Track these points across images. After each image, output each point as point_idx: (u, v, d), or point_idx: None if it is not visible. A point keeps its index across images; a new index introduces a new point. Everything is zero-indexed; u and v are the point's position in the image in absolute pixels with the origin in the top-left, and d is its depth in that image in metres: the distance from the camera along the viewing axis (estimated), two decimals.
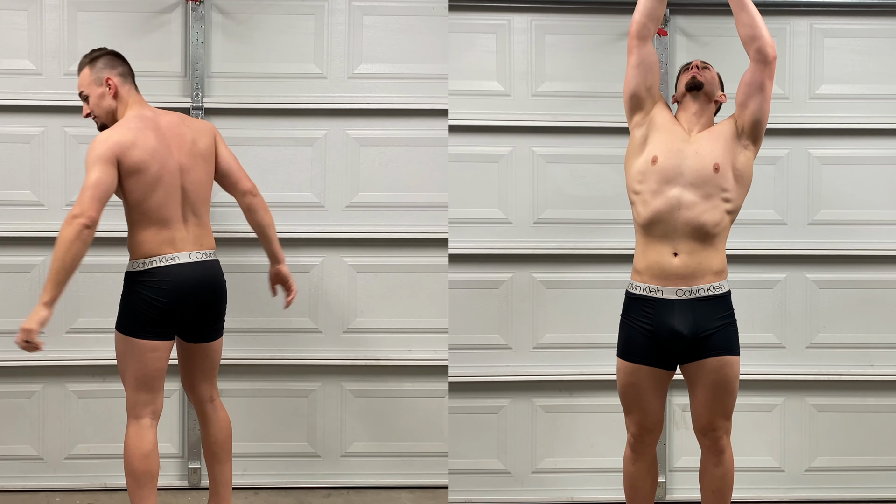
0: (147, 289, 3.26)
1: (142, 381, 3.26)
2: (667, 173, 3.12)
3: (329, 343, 4.20)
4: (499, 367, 4.14)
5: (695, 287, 3.12)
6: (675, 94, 3.34)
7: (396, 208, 4.18)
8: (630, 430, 3.28)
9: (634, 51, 3.22)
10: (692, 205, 3.10)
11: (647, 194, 3.14)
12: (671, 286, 3.12)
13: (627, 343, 3.18)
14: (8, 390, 4.10)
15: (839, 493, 4.19)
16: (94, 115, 3.40)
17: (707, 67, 3.30)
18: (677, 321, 3.10)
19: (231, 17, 4.12)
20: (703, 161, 3.12)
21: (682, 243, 3.11)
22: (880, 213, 4.14)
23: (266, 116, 4.11)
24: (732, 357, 3.16)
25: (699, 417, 3.20)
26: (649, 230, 3.15)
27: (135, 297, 3.26)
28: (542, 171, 4.14)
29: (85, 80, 3.37)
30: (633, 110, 3.26)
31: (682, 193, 3.11)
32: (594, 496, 4.16)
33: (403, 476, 4.23)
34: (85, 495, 4.09)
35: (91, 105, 3.38)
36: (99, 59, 3.37)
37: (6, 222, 4.06)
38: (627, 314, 3.22)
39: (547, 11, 4.13)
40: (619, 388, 3.25)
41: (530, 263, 4.15)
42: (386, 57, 4.16)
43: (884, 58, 4.13)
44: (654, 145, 3.18)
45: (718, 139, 3.16)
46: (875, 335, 4.16)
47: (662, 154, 3.14)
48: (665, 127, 3.20)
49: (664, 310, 3.12)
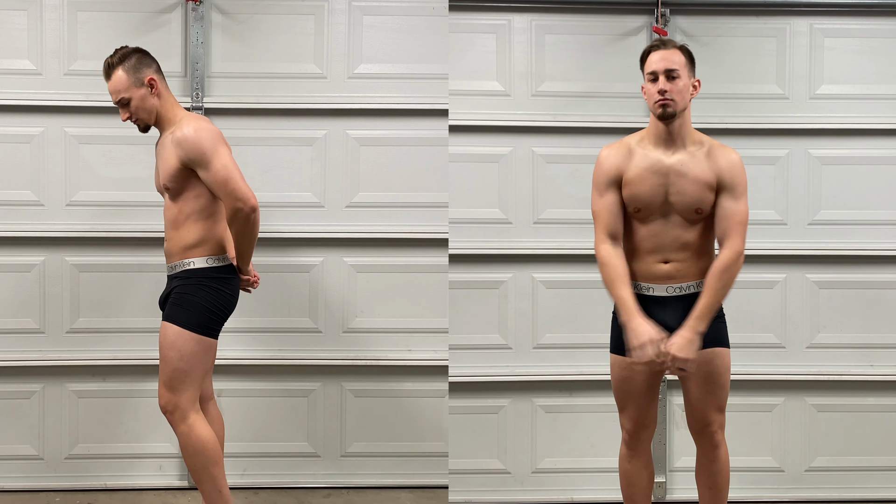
0: (228, 285, 3.28)
1: (201, 378, 3.27)
2: (653, 212, 3.13)
3: (329, 343, 4.20)
4: (499, 367, 4.14)
5: (685, 284, 3.13)
6: (647, 95, 3.17)
7: (396, 208, 4.18)
8: (625, 428, 3.27)
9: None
10: (677, 226, 3.13)
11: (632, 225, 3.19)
12: (661, 284, 3.14)
13: (620, 338, 3.17)
14: (8, 390, 4.10)
15: (839, 493, 4.19)
16: (136, 118, 3.32)
17: (674, 75, 3.07)
18: (669, 316, 3.11)
19: (231, 17, 4.13)
20: (686, 202, 3.10)
21: (672, 254, 3.13)
22: (880, 213, 4.14)
23: (266, 116, 4.11)
24: (722, 349, 3.16)
25: (693, 412, 3.20)
26: (638, 245, 3.17)
27: (215, 294, 3.24)
28: (542, 171, 4.14)
29: (122, 84, 3.27)
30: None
31: (666, 223, 3.13)
32: (594, 496, 4.16)
33: (403, 476, 4.23)
34: (85, 495, 4.09)
35: (133, 108, 3.29)
36: (130, 58, 3.29)
37: (6, 222, 4.06)
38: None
39: (547, 11, 4.13)
40: (613, 383, 3.25)
41: (530, 263, 4.15)
42: (386, 57, 4.16)
43: (884, 58, 4.13)
44: (635, 199, 3.14)
45: (698, 181, 3.10)
46: (875, 335, 4.16)
47: (644, 203, 3.13)
48: (639, 179, 3.13)
49: (655, 306, 3.13)
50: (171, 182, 3.24)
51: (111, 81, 3.29)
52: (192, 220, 3.25)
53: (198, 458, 3.24)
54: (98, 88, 4.04)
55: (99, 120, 4.07)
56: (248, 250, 3.31)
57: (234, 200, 3.16)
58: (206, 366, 3.28)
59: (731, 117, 4.10)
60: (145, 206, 4.05)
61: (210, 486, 3.26)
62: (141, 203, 4.06)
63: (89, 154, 4.09)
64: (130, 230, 4.07)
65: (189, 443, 3.24)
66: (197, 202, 3.25)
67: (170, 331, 3.22)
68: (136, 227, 4.07)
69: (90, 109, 4.06)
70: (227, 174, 3.16)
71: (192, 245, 3.26)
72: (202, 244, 3.26)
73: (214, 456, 3.26)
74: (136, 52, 3.32)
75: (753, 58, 4.14)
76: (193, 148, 3.18)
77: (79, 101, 4.05)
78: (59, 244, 4.08)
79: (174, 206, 3.28)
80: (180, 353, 3.21)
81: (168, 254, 3.33)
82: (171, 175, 3.23)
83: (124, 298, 4.05)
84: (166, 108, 3.31)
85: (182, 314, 3.22)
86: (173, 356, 3.21)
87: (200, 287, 3.23)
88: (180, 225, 3.27)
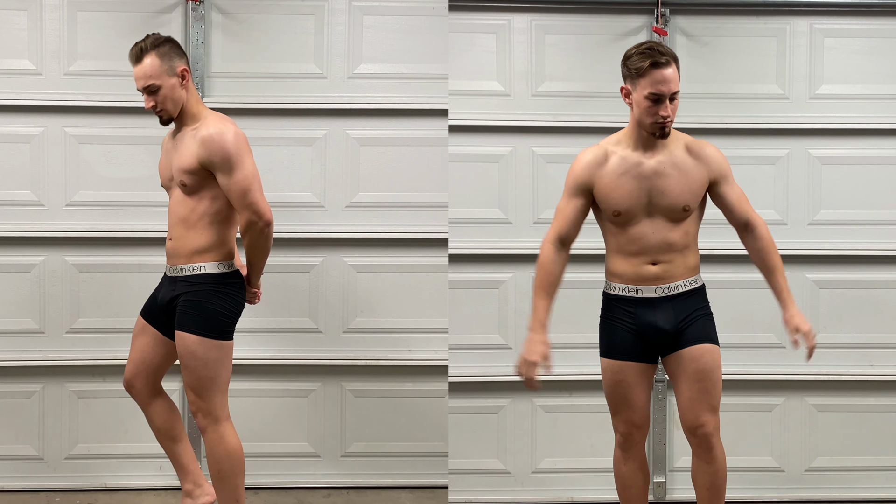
0: (239, 289, 3.24)
1: (227, 382, 3.24)
2: (635, 215, 3.11)
3: (329, 343, 4.20)
4: (499, 367, 4.14)
5: (672, 284, 3.13)
6: (631, 94, 3.06)
7: (396, 208, 4.18)
8: (619, 430, 3.25)
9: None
10: (662, 227, 3.12)
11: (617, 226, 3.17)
12: (650, 286, 3.13)
13: (611, 341, 3.18)
14: (8, 390, 4.10)
15: (839, 493, 4.19)
16: (161, 109, 3.19)
17: (676, 96, 3.01)
18: (659, 317, 3.11)
19: (231, 17, 4.13)
20: (672, 201, 3.08)
21: (659, 255, 3.12)
22: (880, 213, 4.14)
23: (266, 116, 4.11)
24: (713, 346, 3.14)
25: (685, 412, 3.16)
26: (622, 248, 3.16)
27: (229, 299, 3.20)
28: (542, 171, 4.14)
29: (155, 70, 3.14)
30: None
31: (652, 224, 3.11)
32: (594, 496, 4.16)
33: (403, 476, 4.23)
34: (85, 495, 4.09)
35: (162, 97, 3.16)
36: (163, 45, 3.17)
37: (6, 222, 4.06)
38: (608, 314, 3.22)
39: (547, 11, 4.13)
40: (606, 387, 3.23)
41: (530, 263, 4.13)
42: (386, 57, 4.16)
43: (884, 58, 4.13)
44: (612, 204, 3.11)
45: (685, 179, 3.08)
46: (875, 335, 4.16)
47: (624, 209, 3.10)
48: (614, 185, 3.09)
49: (644, 308, 3.13)
50: (188, 179, 3.16)
51: (141, 66, 3.15)
52: (205, 222, 3.18)
53: (223, 466, 3.22)
54: (98, 88, 4.06)
55: (99, 120, 4.07)
56: (259, 263, 3.27)
57: (251, 213, 3.12)
58: (229, 368, 3.23)
59: (731, 117, 4.10)
60: (145, 206, 4.05)
61: (229, 495, 3.25)
62: (141, 203, 4.06)
63: (89, 154, 4.08)
64: (130, 230, 4.07)
65: (217, 449, 3.22)
66: (213, 204, 3.17)
67: (188, 340, 3.15)
68: (136, 227, 4.07)
69: (90, 109, 4.06)
70: (247, 185, 3.11)
71: (203, 249, 3.19)
72: (214, 249, 3.19)
73: (240, 466, 3.25)
74: (169, 40, 3.22)
75: (753, 58, 4.14)
76: (217, 151, 3.11)
77: (79, 101, 4.05)
78: (59, 244, 4.08)
79: (187, 202, 3.19)
80: (203, 362, 3.15)
81: (173, 253, 3.24)
82: (188, 173, 3.15)
83: (124, 298, 4.04)
84: (191, 102, 3.22)
85: (199, 322, 3.15)
86: (197, 365, 3.16)
87: (213, 293, 3.17)
88: (192, 225, 3.18)
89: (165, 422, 3.39)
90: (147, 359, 3.34)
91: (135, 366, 3.36)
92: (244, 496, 3.29)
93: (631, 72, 3.03)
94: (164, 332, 3.31)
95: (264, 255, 3.25)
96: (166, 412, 3.39)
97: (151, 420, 3.40)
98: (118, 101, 4.05)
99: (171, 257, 3.26)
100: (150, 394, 3.38)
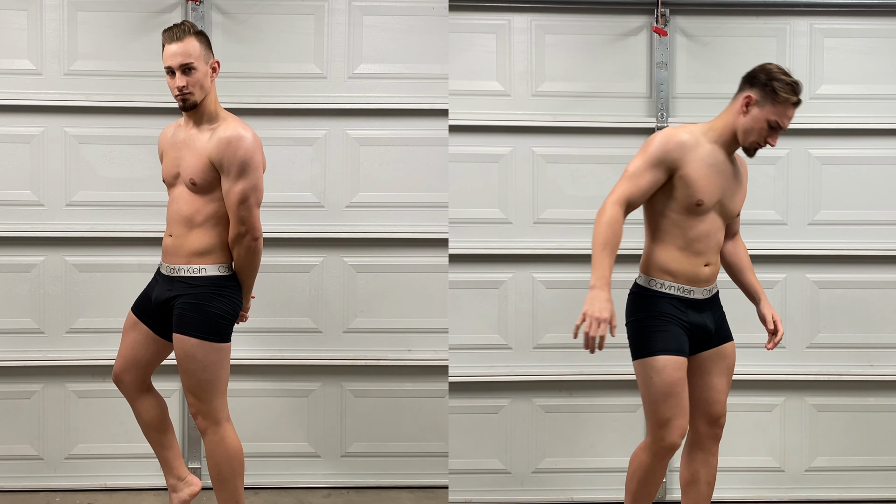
0: (237, 291, 3.22)
1: (227, 383, 3.23)
2: (710, 209, 3.11)
3: (329, 343, 4.20)
4: (499, 367, 4.14)
5: (712, 286, 3.20)
6: (753, 106, 3.05)
7: (396, 208, 4.18)
8: (668, 440, 3.04)
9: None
10: (720, 228, 3.18)
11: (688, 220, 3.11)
12: (700, 287, 3.15)
13: (669, 337, 3.06)
14: (8, 390, 4.10)
15: (839, 493, 4.19)
16: (187, 92, 3.10)
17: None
18: (706, 318, 3.16)
19: (231, 17, 4.13)
20: (735, 208, 3.19)
21: (712, 256, 3.15)
22: (880, 213, 4.14)
23: (266, 116, 4.11)
24: (733, 343, 3.29)
25: (713, 404, 3.19)
26: (689, 245, 3.10)
27: (227, 302, 3.18)
28: (542, 171, 4.14)
29: (195, 51, 3.10)
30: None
31: (714, 222, 3.13)
32: (594, 496, 4.16)
33: (403, 476, 4.23)
34: (85, 495, 4.09)
35: (195, 80, 3.10)
36: (203, 34, 3.16)
37: (6, 222, 4.06)
38: (656, 310, 3.10)
39: (547, 11, 4.13)
40: (664, 387, 3.03)
41: (530, 263, 4.15)
42: (386, 57, 4.16)
43: (884, 58, 4.13)
44: (697, 192, 3.05)
45: (741, 189, 3.22)
46: (875, 335, 4.16)
47: (707, 199, 3.06)
48: (704, 174, 3.05)
49: (692, 309, 3.13)
50: (200, 178, 3.13)
51: (182, 44, 3.09)
52: (210, 223, 3.16)
53: (223, 468, 3.22)
54: (98, 88, 4.06)
55: (99, 120, 4.07)
56: (248, 280, 3.24)
57: (241, 224, 3.11)
58: (228, 369, 3.22)
59: None
60: (145, 206, 4.05)
61: (228, 496, 3.25)
62: (141, 203, 4.06)
63: (89, 154, 4.08)
64: (130, 230, 4.07)
65: (217, 451, 3.21)
66: (221, 205, 3.15)
67: (188, 344, 3.13)
68: (136, 227, 4.07)
69: (90, 109, 4.06)
70: (246, 196, 3.09)
71: (204, 251, 3.17)
72: (215, 251, 3.17)
73: (240, 468, 3.25)
74: (205, 34, 3.21)
75: (753, 58, 4.08)
76: (230, 154, 3.08)
77: (79, 101, 4.05)
78: (59, 244, 4.08)
79: (194, 202, 3.16)
80: (203, 365, 3.14)
81: (171, 251, 3.21)
82: (200, 171, 3.13)
83: (124, 298, 4.02)
84: (211, 99, 3.18)
85: (198, 325, 3.13)
86: (196, 368, 3.14)
87: (213, 296, 3.15)
88: (196, 226, 3.16)
89: (153, 418, 3.39)
90: (137, 355, 3.33)
91: (125, 361, 3.34)
92: (244, 497, 3.28)
93: (770, 92, 3.02)
94: (156, 330, 3.29)
95: (252, 272, 3.22)
96: (155, 408, 3.39)
97: (139, 415, 3.39)
98: (118, 101, 4.05)
99: (168, 255, 3.24)
100: (138, 389, 3.36)
